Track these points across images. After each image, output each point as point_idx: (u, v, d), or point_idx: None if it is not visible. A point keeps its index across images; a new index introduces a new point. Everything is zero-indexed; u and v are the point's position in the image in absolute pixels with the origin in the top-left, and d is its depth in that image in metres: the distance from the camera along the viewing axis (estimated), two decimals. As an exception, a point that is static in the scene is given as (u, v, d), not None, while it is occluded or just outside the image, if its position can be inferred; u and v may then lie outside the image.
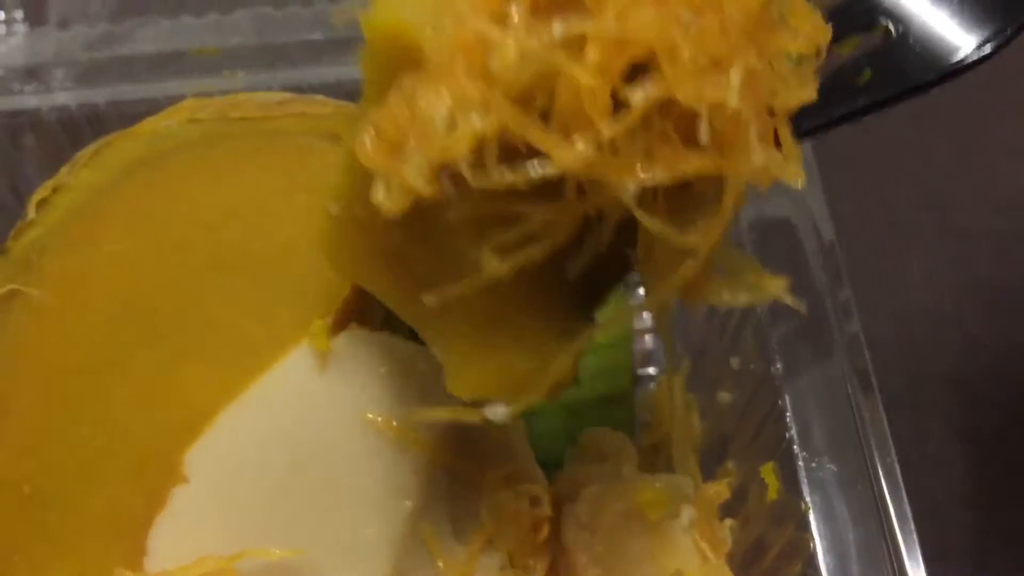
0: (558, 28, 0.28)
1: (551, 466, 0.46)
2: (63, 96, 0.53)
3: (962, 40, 0.34)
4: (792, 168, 0.30)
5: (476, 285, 0.32)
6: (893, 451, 0.39)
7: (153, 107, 0.52)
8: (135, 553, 0.42)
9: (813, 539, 0.38)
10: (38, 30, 0.55)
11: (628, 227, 0.32)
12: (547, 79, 0.28)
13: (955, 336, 0.61)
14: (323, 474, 0.41)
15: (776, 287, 0.32)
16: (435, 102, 0.28)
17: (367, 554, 0.41)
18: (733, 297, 0.32)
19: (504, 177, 0.28)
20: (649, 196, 0.30)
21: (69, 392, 0.42)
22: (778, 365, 0.41)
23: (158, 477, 0.42)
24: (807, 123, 0.33)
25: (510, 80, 0.28)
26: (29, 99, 0.53)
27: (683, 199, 0.31)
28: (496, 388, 0.35)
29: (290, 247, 0.43)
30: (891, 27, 0.36)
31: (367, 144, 0.30)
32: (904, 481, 0.39)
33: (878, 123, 0.37)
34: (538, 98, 0.29)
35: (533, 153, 0.28)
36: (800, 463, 0.39)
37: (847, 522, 0.38)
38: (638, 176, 0.29)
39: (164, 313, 0.42)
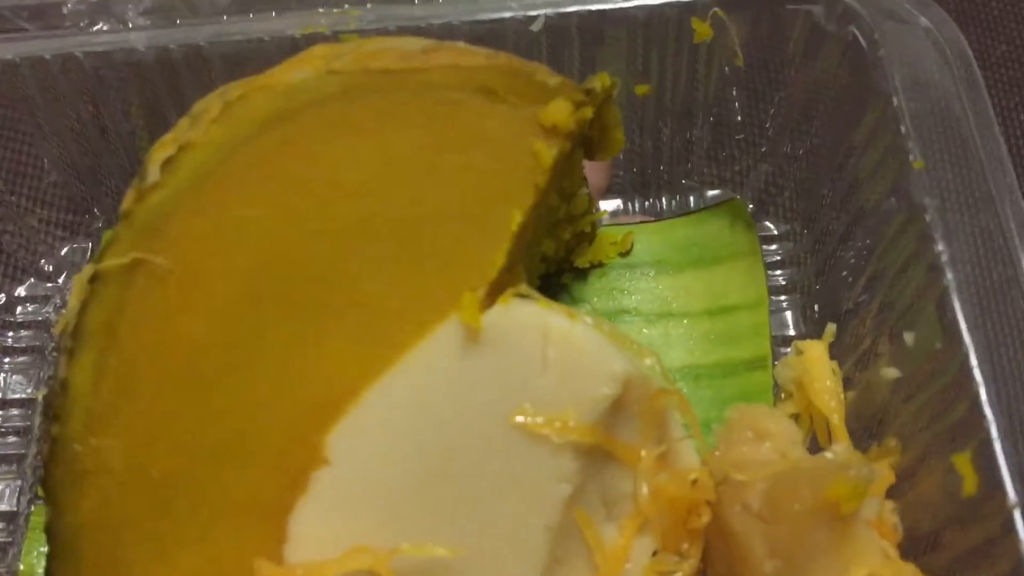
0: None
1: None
2: (158, 34, 0.48)
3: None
4: None
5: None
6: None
7: (260, 46, 0.48)
8: (274, 540, 0.39)
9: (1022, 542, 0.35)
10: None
11: None
12: None
13: None
14: (477, 459, 0.39)
15: None
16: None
17: (526, 543, 0.38)
18: None
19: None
20: None
21: (199, 369, 0.39)
22: (969, 346, 0.38)
23: (298, 459, 0.40)
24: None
25: None
26: (122, 36, 0.49)
27: None
28: None
29: (439, 212, 0.40)
30: None
31: None
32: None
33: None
34: None
35: None
36: (1000, 456, 0.36)
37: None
38: None
39: (301, 284, 0.39)
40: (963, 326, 0.38)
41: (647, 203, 0.57)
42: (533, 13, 0.48)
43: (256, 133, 0.39)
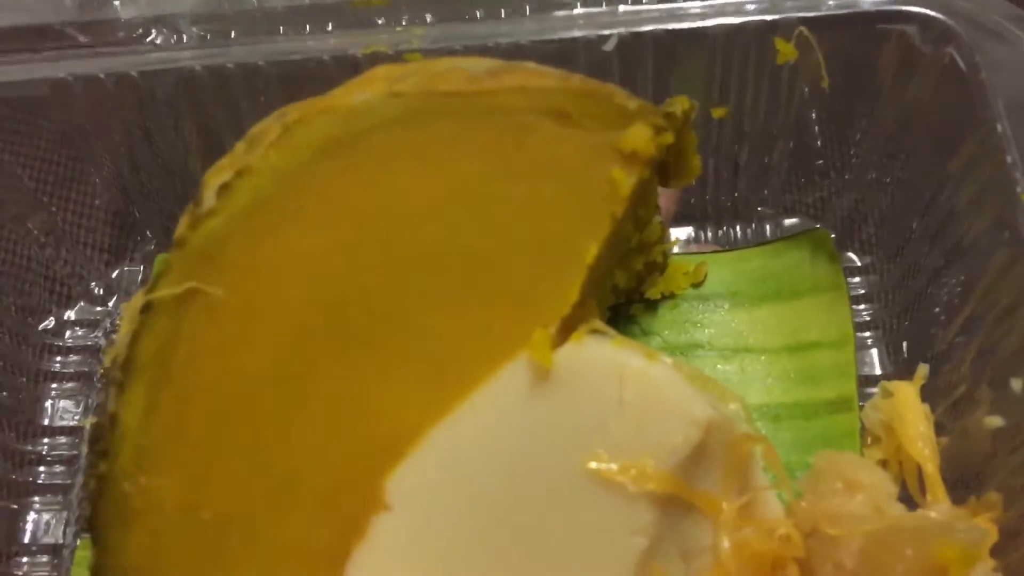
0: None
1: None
2: (215, 52, 0.47)
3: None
4: None
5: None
6: None
7: (319, 66, 0.47)
8: (331, 588, 0.37)
9: None
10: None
11: None
12: None
13: None
14: (546, 507, 0.36)
15: None
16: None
17: (597, 600, 0.36)
18: None
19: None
20: None
21: (254, 406, 0.37)
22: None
23: (356, 504, 0.37)
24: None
25: None
26: (176, 55, 0.47)
27: None
28: None
29: (508, 243, 0.37)
30: None
31: None
32: None
33: None
34: None
35: None
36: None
37: None
38: None
39: (361, 318, 0.37)
40: (1080, 375, 0.35)
41: (720, 231, 0.54)
42: (606, 32, 0.45)
43: (315, 159, 0.36)
